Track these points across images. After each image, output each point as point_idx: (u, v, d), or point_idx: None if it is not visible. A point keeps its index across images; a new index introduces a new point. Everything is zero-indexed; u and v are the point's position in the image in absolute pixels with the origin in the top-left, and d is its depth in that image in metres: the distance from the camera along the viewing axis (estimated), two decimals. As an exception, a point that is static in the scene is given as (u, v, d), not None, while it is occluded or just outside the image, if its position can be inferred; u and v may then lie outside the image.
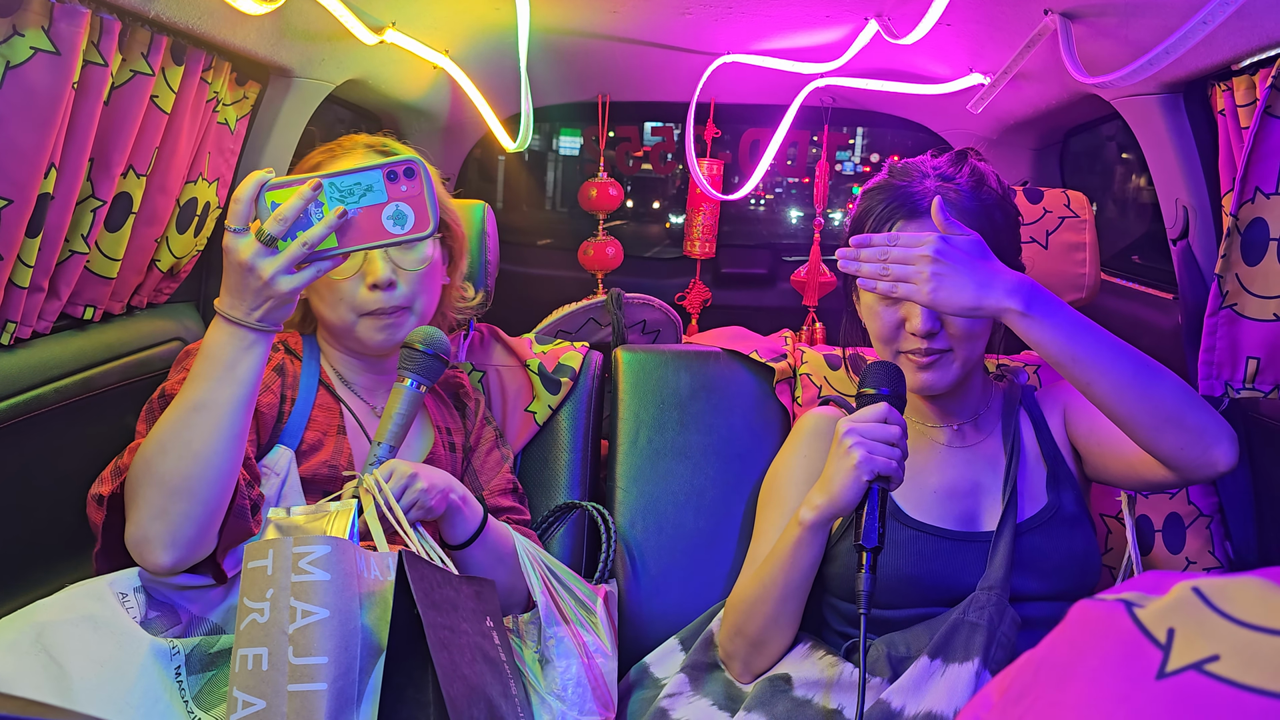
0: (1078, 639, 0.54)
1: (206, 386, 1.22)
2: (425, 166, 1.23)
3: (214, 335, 1.23)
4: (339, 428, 1.53)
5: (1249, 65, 1.50)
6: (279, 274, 1.19)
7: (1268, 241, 1.50)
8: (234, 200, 1.19)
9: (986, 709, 0.56)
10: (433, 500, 1.38)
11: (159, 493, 1.21)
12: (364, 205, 1.21)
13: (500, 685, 1.25)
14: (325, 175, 1.20)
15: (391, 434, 1.40)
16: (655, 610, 1.81)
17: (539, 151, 4.05)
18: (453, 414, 1.73)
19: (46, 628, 1.15)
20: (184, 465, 1.20)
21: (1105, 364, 1.32)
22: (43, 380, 1.45)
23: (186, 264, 1.80)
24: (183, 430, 1.21)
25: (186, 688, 1.20)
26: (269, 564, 1.11)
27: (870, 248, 1.38)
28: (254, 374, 1.24)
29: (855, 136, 4.06)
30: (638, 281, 2.79)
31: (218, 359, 1.23)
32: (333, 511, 1.25)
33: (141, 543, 1.21)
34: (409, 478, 1.36)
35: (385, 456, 1.39)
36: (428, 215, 1.23)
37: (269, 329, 1.23)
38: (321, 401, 1.54)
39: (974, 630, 1.36)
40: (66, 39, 1.25)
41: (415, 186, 1.22)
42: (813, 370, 1.95)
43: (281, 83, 1.82)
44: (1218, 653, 0.47)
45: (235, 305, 1.22)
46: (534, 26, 1.96)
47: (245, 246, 1.18)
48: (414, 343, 1.45)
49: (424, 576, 1.19)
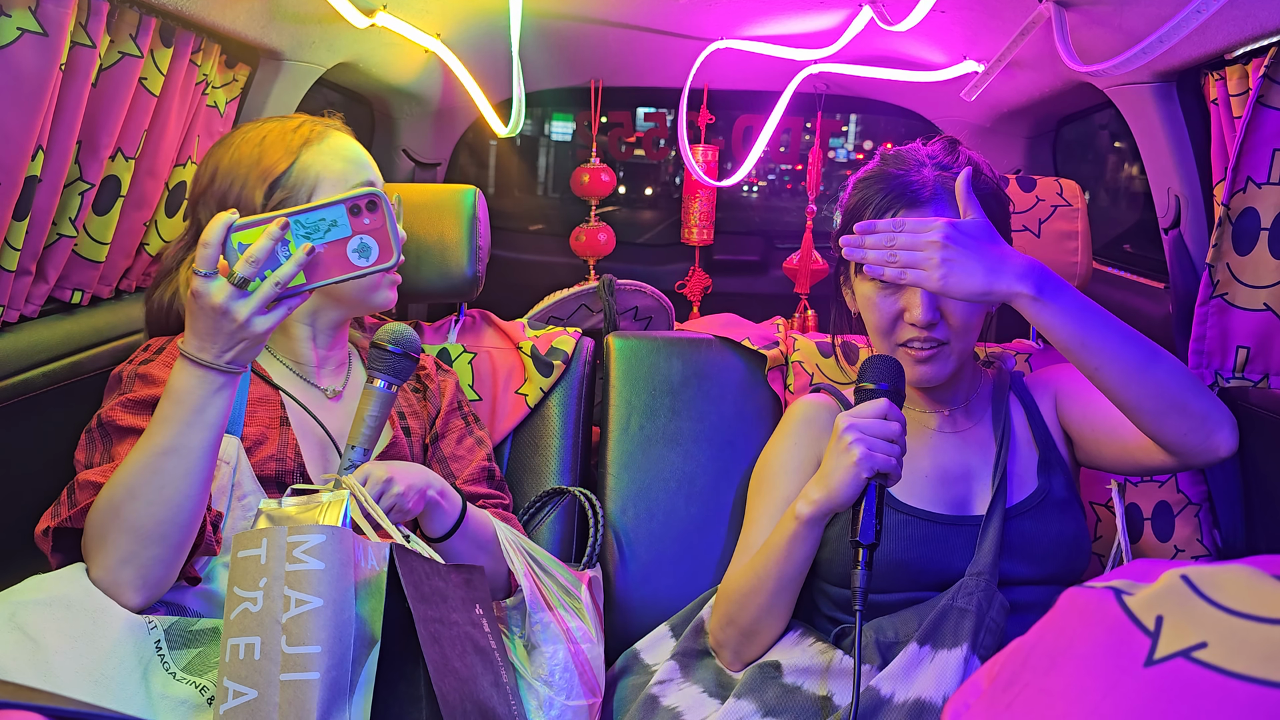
0: (1067, 626, 0.54)
1: (176, 431, 1.19)
2: (385, 199, 1.22)
3: (182, 379, 1.20)
4: (281, 419, 1.48)
5: (1242, 55, 1.50)
6: (254, 315, 1.16)
7: (1259, 231, 1.51)
8: (202, 244, 1.15)
9: (976, 696, 0.56)
10: (410, 502, 1.37)
11: (129, 539, 1.19)
12: (329, 240, 1.21)
13: (491, 675, 1.25)
14: (290, 213, 1.19)
15: (364, 437, 1.38)
16: (646, 597, 1.81)
17: (531, 137, 4.03)
18: (408, 397, 1.68)
19: (20, 607, 1.15)
20: (156, 511, 1.18)
21: (1114, 349, 1.32)
22: (31, 364, 1.45)
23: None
24: (153, 476, 1.19)
25: (170, 660, 1.19)
26: (262, 553, 1.11)
27: (875, 234, 1.36)
28: (222, 415, 1.22)
29: (848, 123, 4.05)
30: (630, 268, 2.78)
31: (186, 403, 1.19)
32: (324, 503, 1.25)
33: (111, 587, 1.20)
34: (385, 482, 1.34)
35: (359, 460, 1.37)
36: (391, 246, 1.23)
37: (239, 371, 1.21)
38: (259, 394, 1.49)
39: (963, 616, 1.36)
40: (54, 20, 1.24)
41: (378, 219, 1.22)
42: (805, 357, 1.95)
43: (271, 65, 1.81)
44: (1206, 640, 0.47)
45: (205, 349, 1.18)
46: (526, 10, 1.95)
47: (217, 290, 1.15)
48: (382, 342, 1.42)
49: (414, 569, 1.18)
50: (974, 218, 1.37)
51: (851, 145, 4.13)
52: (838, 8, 1.99)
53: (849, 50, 2.19)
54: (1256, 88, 1.43)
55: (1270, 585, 0.50)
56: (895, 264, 1.34)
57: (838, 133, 4.01)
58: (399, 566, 1.15)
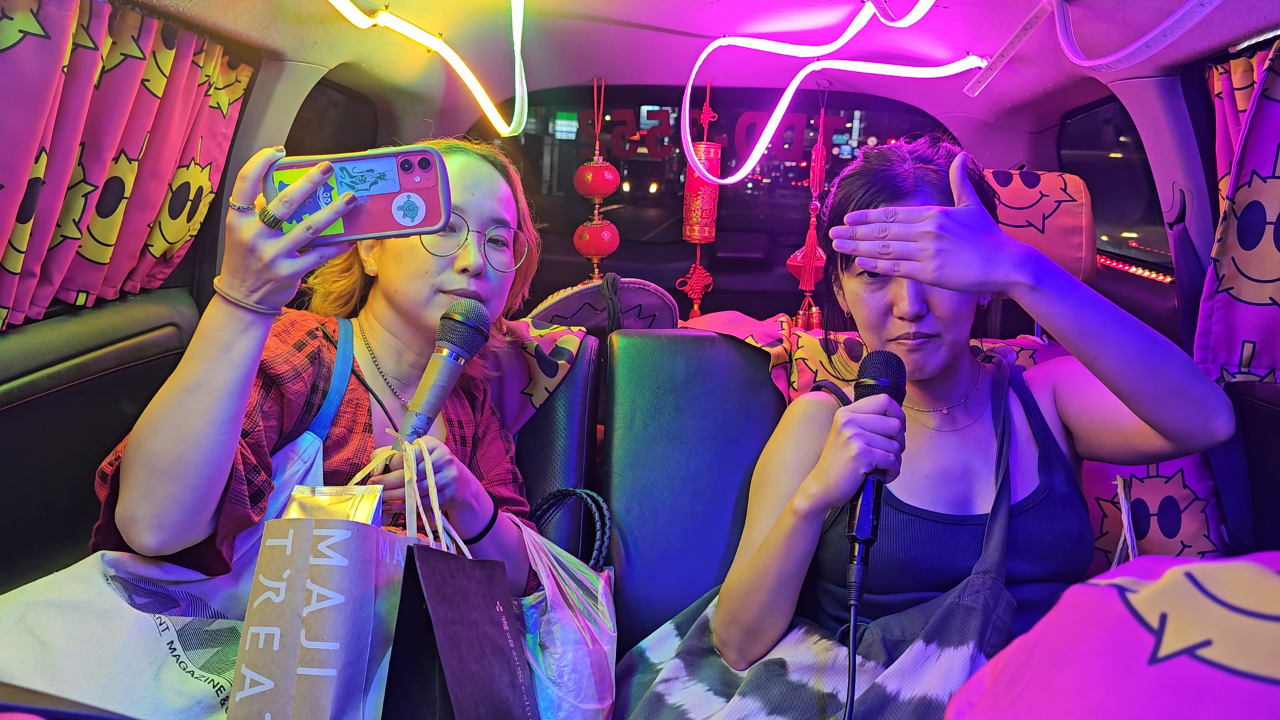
0: (1070, 624, 0.54)
1: (201, 368, 1.19)
2: (442, 159, 1.18)
3: (211, 315, 1.20)
4: (365, 424, 1.51)
5: (1246, 48, 1.49)
6: (280, 257, 1.15)
7: (1264, 225, 1.50)
8: (240, 178, 1.15)
9: (979, 694, 0.56)
10: (456, 490, 1.38)
11: (147, 474, 1.18)
12: (374, 193, 1.17)
13: (508, 675, 1.25)
14: (336, 159, 1.16)
15: (428, 405, 1.38)
16: (651, 595, 1.81)
17: (534, 135, 4.03)
18: (464, 406, 1.73)
19: (31, 607, 1.15)
20: (173, 447, 1.18)
21: (1113, 336, 1.31)
22: (36, 366, 1.45)
23: (180, 249, 1.79)
24: (173, 411, 1.19)
25: (186, 659, 1.19)
26: (288, 544, 1.10)
27: (867, 225, 1.33)
28: (250, 357, 1.21)
29: (852, 120, 4.05)
30: (634, 266, 2.78)
31: (214, 340, 1.19)
32: (358, 495, 1.23)
33: (129, 523, 1.20)
34: (448, 460, 1.36)
35: (420, 426, 1.37)
36: (439, 209, 1.18)
37: (268, 312, 1.20)
38: (350, 395, 1.51)
39: (969, 614, 1.36)
40: (56, 22, 1.24)
41: (429, 178, 1.17)
42: (809, 355, 1.95)
43: (274, 66, 1.81)
44: (1210, 638, 0.47)
45: (234, 285, 1.18)
46: (528, 9, 1.94)
47: (248, 226, 1.14)
48: (454, 314, 1.44)
49: (435, 570, 1.17)
50: (968, 205, 1.34)
51: (855, 142, 4.12)
52: (840, 4, 1.98)
53: (851, 46, 2.18)
54: (1261, 81, 1.42)
55: (1275, 582, 0.49)
56: (889, 255, 1.30)
57: (841, 129, 4.00)
58: (420, 567, 1.14)
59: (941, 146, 1.52)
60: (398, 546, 1.20)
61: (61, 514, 1.50)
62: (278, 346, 1.43)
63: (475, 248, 1.51)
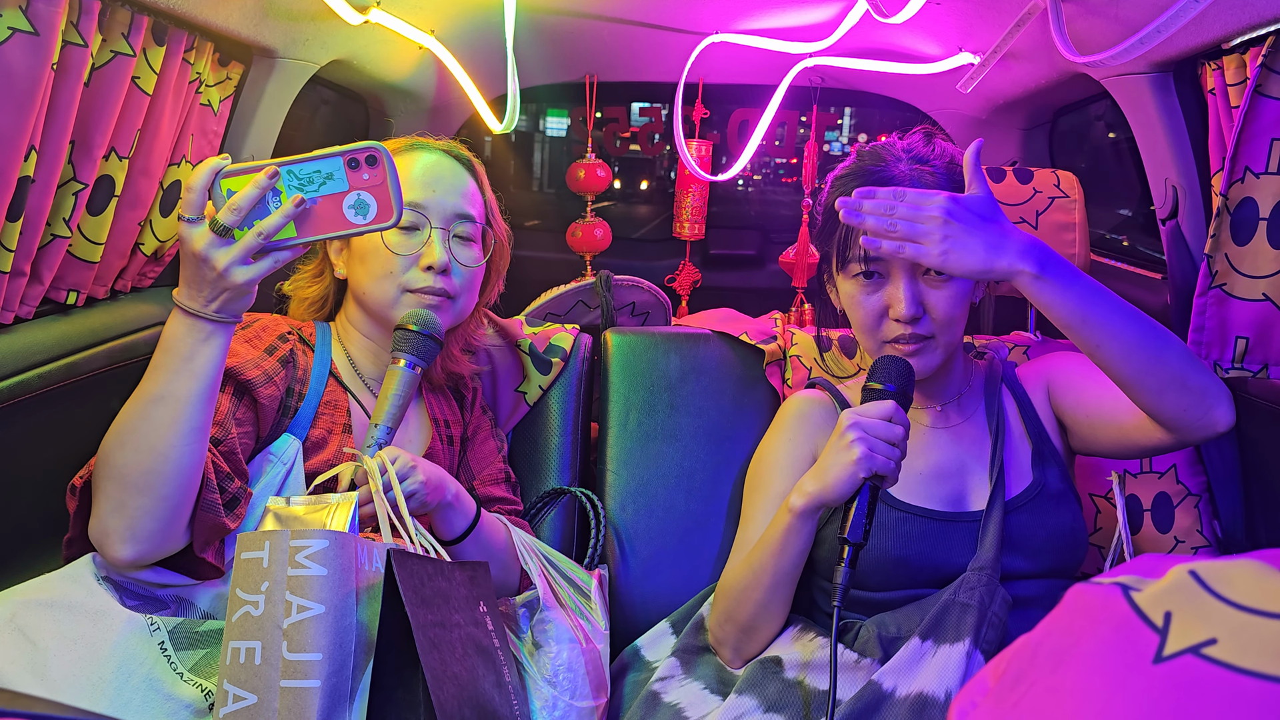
0: (1074, 623, 0.54)
1: (165, 379, 1.19)
2: (388, 154, 1.17)
3: (172, 326, 1.20)
4: (345, 425, 1.51)
5: (1239, 44, 1.50)
6: (233, 265, 1.15)
7: (1257, 221, 1.50)
8: (187, 188, 1.14)
9: (982, 694, 0.56)
10: (428, 494, 1.38)
11: (117, 487, 1.18)
12: (324, 194, 1.16)
13: (494, 675, 1.25)
14: (282, 162, 1.15)
15: (389, 415, 1.38)
16: (646, 593, 1.81)
17: (526, 132, 4.01)
18: (451, 405, 1.72)
19: (21, 608, 1.14)
20: (141, 459, 1.18)
21: (1116, 326, 1.31)
22: (26, 366, 1.44)
23: (170, 248, 1.78)
24: (140, 423, 1.18)
25: (176, 660, 1.19)
26: (265, 556, 1.09)
27: (875, 200, 1.31)
28: (213, 366, 1.21)
29: (844, 116, 4.04)
30: (626, 263, 2.77)
31: (175, 351, 1.19)
32: (333, 503, 1.23)
33: (103, 536, 1.20)
34: (410, 468, 1.35)
35: (384, 439, 1.37)
36: (391, 205, 1.18)
37: (228, 320, 1.20)
38: (329, 396, 1.51)
39: (965, 611, 1.36)
40: (45, 19, 1.23)
41: (378, 175, 1.17)
42: (803, 352, 1.95)
43: (265, 63, 1.80)
44: (1215, 636, 0.47)
45: (192, 296, 1.18)
46: (520, 6, 1.94)
47: (199, 236, 1.14)
48: (407, 324, 1.44)
49: (413, 573, 1.17)
50: (978, 192, 1.34)
51: (847, 138, 4.12)
52: (833, 0, 1.98)
53: (844, 43, 2.18)
54: (1254, 77, 1.43)
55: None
56: (895, 235, 1.30)
57: (833, 126, 4.00)
58: (397, 571, 1.14)
59: (937, 145, 1.51)
60: (376, 553, 1.19)
61: (52, 514, 1.48)
62: (248, 352, 1.43)
63: (440, 244, 1.51)
